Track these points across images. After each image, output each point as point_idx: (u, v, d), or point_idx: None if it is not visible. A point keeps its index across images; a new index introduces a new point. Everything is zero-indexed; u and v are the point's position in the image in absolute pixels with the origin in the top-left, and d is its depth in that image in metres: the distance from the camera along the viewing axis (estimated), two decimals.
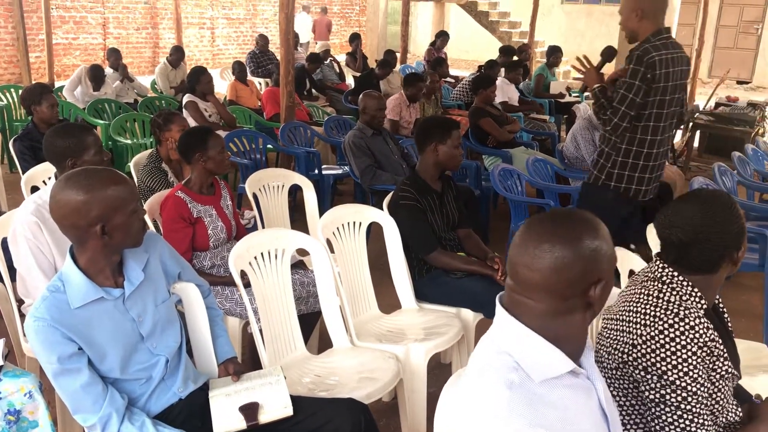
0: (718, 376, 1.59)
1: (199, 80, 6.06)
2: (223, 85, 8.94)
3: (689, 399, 1.52)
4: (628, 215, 3.54)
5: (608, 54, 6.17)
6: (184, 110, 6.01)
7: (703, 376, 1.55)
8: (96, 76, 7.32)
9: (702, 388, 1.54)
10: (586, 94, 9.73)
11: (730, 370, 1.62)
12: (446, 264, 3.13)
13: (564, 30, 16.18)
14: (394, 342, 2.79)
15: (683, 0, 13.63)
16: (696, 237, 1.66)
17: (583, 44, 15.57)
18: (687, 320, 1.58)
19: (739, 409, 1.68)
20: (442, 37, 10.88)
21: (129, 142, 6.20)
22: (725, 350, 1.62)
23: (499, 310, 1.35)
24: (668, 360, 1.55)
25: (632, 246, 3.38)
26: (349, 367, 2.55)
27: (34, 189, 3.59)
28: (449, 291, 3.12)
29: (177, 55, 8.54)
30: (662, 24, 3.31)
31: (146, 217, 3.05)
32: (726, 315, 1.83)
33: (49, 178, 3.59)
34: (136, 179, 3.82)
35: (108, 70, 7.81)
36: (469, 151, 6.15)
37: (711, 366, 1.58)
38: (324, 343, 3.08)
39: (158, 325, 1.95)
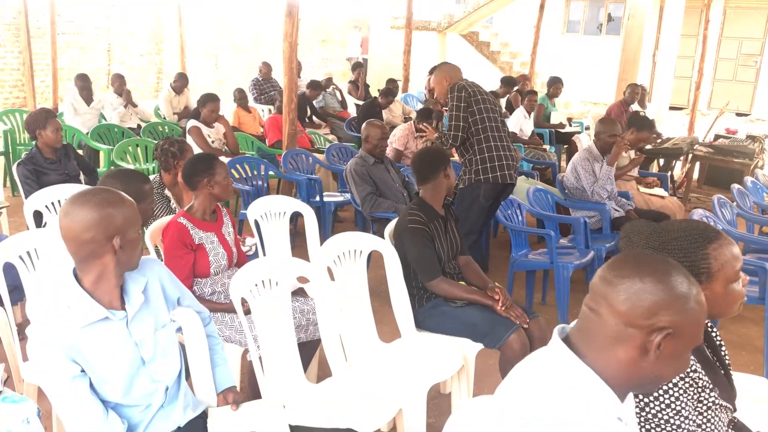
0: (704, 408, 1.58)
1: (204, 105, 6.09)
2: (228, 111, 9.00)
3: None
4: (491, 205, 4.61)
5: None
6: (187, 135, 6.04)
7: (688, 408, 1.54)
8: (84, 86, 7.39)
9: (687, 421, 1.53)
10: (586, 125, 9.81)
11: (717, 401, 1.60)
12: (447, 292, 3.14)
13: (565, 60, 16.33)
14: (393, 371, 2.78)
15: (683, 33, 13.80)
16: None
17: (584, 74, 15.72)
18: None
19: None
20: None
21: (132, 167, 6.23)
22: (710, 381, 1.62)
23: (558, 343, 1.30)
24: None
25: None
26: (348, 397, 2.54)
27: (37, 213, 3.60)
28: (449, 320, 3.11)
29: (181, 81, 8.60)
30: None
31: (148, 243, 3.07)
32: (723, 347, 1.83)
33: (53, 204, 3.63)
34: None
35: (112, 95, 7.88)
36: None
37: (696, 398, 1.58)
38: (323, 372, 3.07)
39: (159, 350, 1.95)
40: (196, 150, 5.97)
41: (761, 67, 15.70)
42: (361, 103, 9.94)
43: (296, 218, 5.33)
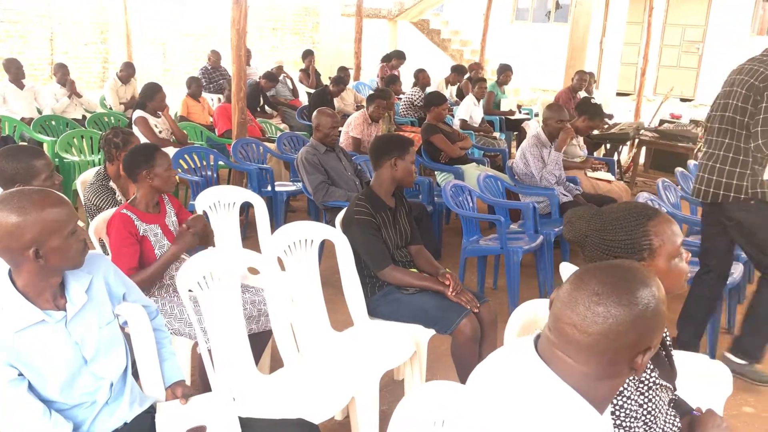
0: (645, 388, 1.61)
1: (153, 97, 6.01)
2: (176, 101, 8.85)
3: (617, 413, 1.54)
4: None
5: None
6: (133, 126, 5.93)
7: (630, 388, 1.57)
8: (19, 70, 7.18)
9: (629, 401, 1.55)
10: (536, 111, 9.94)
11: (657, 381, 1.64)
12: (399, 280, 3.15)
13: (514, 48, 16.49)
14: (345, 360, 2.78)
15: (629, 20, 14.04)
16: (578, 235, 1.78)
17: (533, 62, 15.92)
18: None
19: (677, 420, 1.71)
20: (398, 56, 10.98)
21: (76, 159, 6.08)
22: (651, 362, 1.66)
23: (539, 362, 1.28)
24: None
25: None
26: (300, 387, 2.53)
27: None
28: (401, 307, 3.13)
29: (127, 71, 8.43)
30: None
31: (93, 237, 3.00)
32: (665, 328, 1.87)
33: None
34: (82, 197, 3.74)
35: (55, 86, 7.66)
36: (422, 168, 6.21)
37: (638, 378, 1.61)
38: (276, 363, 3.05)
39: (102, 347, 1.90)
40: (143, 141, 5.88)
41: (703, 53, 16.12)
42: (312, 91, 9.87)
43: (249, 209, 5.28)
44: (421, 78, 9.07)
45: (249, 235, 4.98)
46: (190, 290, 2.48)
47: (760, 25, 15.21)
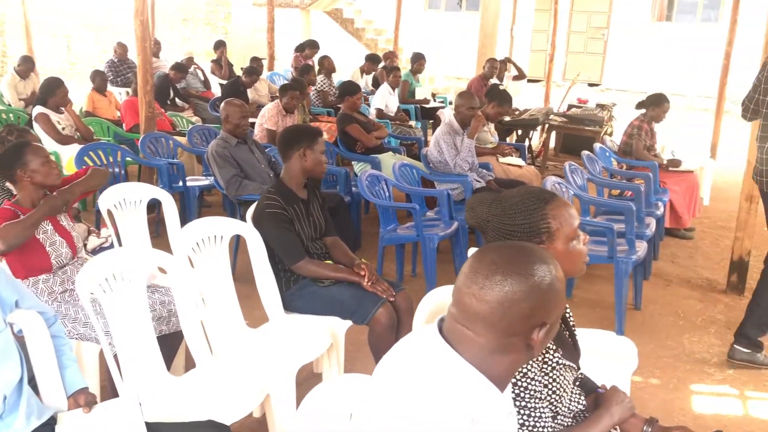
0: (549, 369, 1.65)
1: (54, 93, 5.74)
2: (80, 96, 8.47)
3: (522, 394, 1.57)
4: None
5: None
6: (34, 123, 5.65)
7: (534, 369, 1.60)
8: None
9: (533, 382, 1.59)
10: (450, 99, 10.07)
11: (561, 361, 1.68)
12: (314, 272, 3.12)
13: (428, 36, 16.60)
14: (260, 356, 2.73)
15: (537, 8, 14.39)
16: (479, 221, 1.81)
17: (446, 50, 16.08)
18: None
19: (582, 398, 1.76)
20: (311, 45, 10.86)
21: None
22: (554, 342, 1.70)
23: (439, 340, 1.29)
24: None
25: None
26: (212, 387, 2.47)
27: None
28: (318, 300, 3.10)
29: (26, 65, 8.02)
30: None
31: None
32: (567, 308, 1.91)
33: None
34: None
35: None
36: (338, 158, 6.17)
37: (541, 359, 1.65)
38: (191, 364, 2.97)
39: None
40: (46, 139, 5.61)
41: (608, 39, 16.66)
42: (225, 82, 9.66)
43: (161, 205, 5.12)
44: (326, 64, 9.03)
45: (162, 233, 4.83)
46: (92, 293, 2.38)
47: (659, 12, 15.83)
